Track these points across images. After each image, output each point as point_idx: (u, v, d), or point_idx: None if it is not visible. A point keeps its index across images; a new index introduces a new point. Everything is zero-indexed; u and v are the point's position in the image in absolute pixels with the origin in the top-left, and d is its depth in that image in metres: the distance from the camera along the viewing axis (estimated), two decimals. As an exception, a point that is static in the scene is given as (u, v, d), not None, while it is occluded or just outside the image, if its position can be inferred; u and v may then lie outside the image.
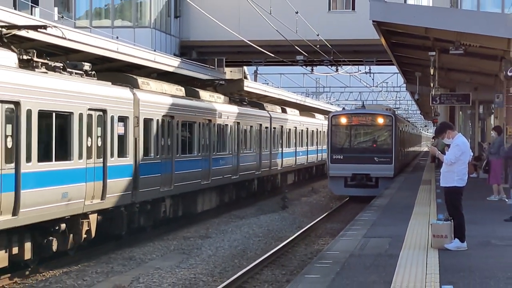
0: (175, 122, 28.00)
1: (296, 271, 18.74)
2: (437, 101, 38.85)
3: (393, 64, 43.08)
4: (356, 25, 41.85)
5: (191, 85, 33.78)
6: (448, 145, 15.56)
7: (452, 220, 15.26)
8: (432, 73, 35.36)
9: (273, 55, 41.15)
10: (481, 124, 45.34)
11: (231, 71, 50.69)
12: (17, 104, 17.77)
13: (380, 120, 40.17)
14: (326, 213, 33.22)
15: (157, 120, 26.32)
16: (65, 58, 24.25)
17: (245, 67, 56.12)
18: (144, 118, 25.11)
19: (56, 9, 46.48)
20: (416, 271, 12.90)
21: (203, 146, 31.27)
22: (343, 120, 40.12)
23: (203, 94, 33.51)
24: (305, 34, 38.81)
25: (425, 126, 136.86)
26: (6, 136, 17.41)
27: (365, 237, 17.54)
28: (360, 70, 59.55)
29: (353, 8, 44.81)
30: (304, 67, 51.96)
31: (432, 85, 38.17)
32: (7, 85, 17.45)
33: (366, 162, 38.74)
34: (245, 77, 55.40)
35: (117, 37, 34.06)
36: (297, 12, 37.48)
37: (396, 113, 47.62)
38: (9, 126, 17.51)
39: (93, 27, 40.51)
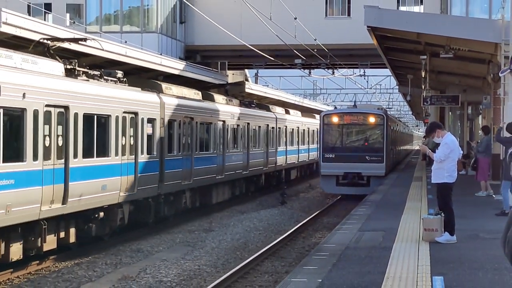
0: (194, 123, 29.45)
1: (295, 263, 18.74)
2: (428, 102, 38.82)
3: (386, 67, 43.08)
4: (351, 30, 41.81)
5: (195, 87, 33.80)
6: (438, 144, 15.57)
7: (442, 215, 15.30)
8: (423, 76, 35.38)
9: (273, 58, 41.15)
10: (470, 124, 45.39)
11: (233, 74, 50.72)
12: (66, 108, 19.36)
13: (372, 119, 38.44)
14: (323, 208, 33.22)
15: (179, 121, 27.86)
16: (77, 61, 24.25)
17: (246, 70, 56.20)
18: (168, 120, 26.62)
19: (68, 15, 46.51)
20: (409, 262, 12.90)
21: (218, 144, 32.86)
22: (335, 119, 38.49)
23: (217, 97, 34.88)
24: (303, 39, 38.82)
25: (417, 126, 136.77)
26: (58, 136, 19.04)
27: (360, 231, 17.54)
28: (355, 73, 59.49)
29: (349, 14, 44.79)
30: (302, 70, 51.97)
31: (423, 87, 38.18)
32: (58, 92, 19.05)
33: (357, 161, 37.13)
34: (247, 80, 55.46)
35: (126, 42, 34.09)
36: (295, 18, 37.48)
37: (387, 112, 45.29)
38: (59, 127, 19.17)
39: (103, 32, 40.49)
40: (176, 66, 34.65)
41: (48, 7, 46.12)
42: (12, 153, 17.26)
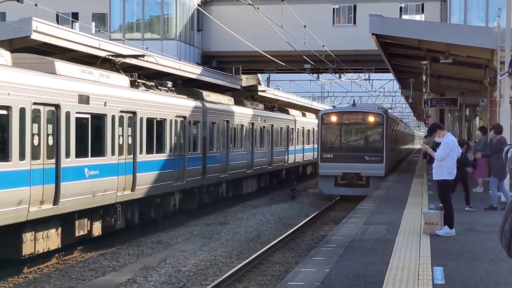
0: (230, 125, 32.35)
1: (304, 254, 18.72)
2: (429, 104, 38.70)
3: (389, 72, 43.04)
4: (357, 38, 41.75)
5: (212, 90, 33.92)
6: (438, 143, 15.54)
7: (442, 209, 15.27)
8: (424, 80, 35.31)
9: (283, 63, 41.14)
10: (468, 125, 45.21)
11: (246, 78, 50.79)
12: (134, 113, 22.10)
13: (371, 118, 35.44)
14: (330, 203, 33.18)
15: (218, 123, 30.64)
16: (101, 66, 24.37)
17: (259, 75, 56.21)
18: (209, 122, 29.39)
19: (93, 23, 46.64)
20: (411, 254, 12.87)
21: (248, 143, 35.76)
22: (334, 118, 35.53)
23: (246, 102, 37.92)
24: (312, 46, 38.78)
25: (418, 126, 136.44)
26: (128, 136, 21.81)
27: (365, 224, 17.51)
28: (360, 77, 59.49)
29: (355, 23, 44.71)
30: (311, 74, 51.95)
31: (424, 90, 38.10)
32: (128, 100, 21.80)
33: (356, 161, 34.07)
34: (259, 83, 55.50)
35: (147, 48, 34.13)
36: (305, 26, 37.46)
37: (387, 111, 41.87)
38: (129, 129, 21.93)
39: (126, 39, 40.57)
40: (193, 70, 34.72)
41: (75, 16, 46.27)
42: (98, 150, 19.93)
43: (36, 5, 27.85)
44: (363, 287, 10.19)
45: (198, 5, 44.77)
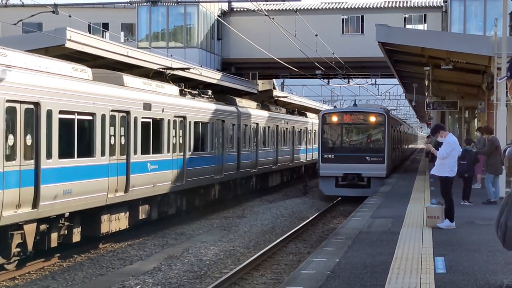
0: (259, 127, 34.41)
1: (316, 245, 18.71)
2: (431, 107, 38.59)
3: (394, 77, 42.89)
4: (364, 46, 41.66)
5: (230, 94, 34.06)
6: (441, 143, 15.49)
7: (443, 204, 15.23)
8: (426, 84, 35.19)
9: (296, 69, 41.10)
10: (467, 126, 45.00)
11: (262, 83, 50.77)
12: (184, 118, 24.24)
13: (372, 119, 32.73)
14: (340, 198, 33.10)
15: (249, 125, 32.65)
16: (129, 72, 24.48)
17: (274, 80, 56.16)
18: (242, 125, 31.53)
19: (122, 33, 46.77)
20: (414, 245, 12.85)
21: (273, 142, 37.38)
22: (335, 119, 32.90)
23: (271, 107, 39.96)
24: (323, 53, 38.73)
25: (420, 127, 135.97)
26: (179, 137, 23.74)
27: (372, 218, 17.49)
28: (367, 82, 59.23)
29: (362, 32, 44.63)
30: (322, 79, 51.86)
31: (426, 94, 38.01)
32: (179, 107, 23.91)
33: (357, 162, 31.56)
34: (274, 88, 55.50)
35: (171, 56, 34.19)
36: (316, 35, 37.39)
37: (389, 111, 38.62)
38: (181, 131, 23.91)
39: (152, 48, 40.67)
40: (214, 76, 34.78)
41: (105, 26, 46.43)
42: (157, 148, 21.98)
43: (70, 16, 27.95)
44: (370, 276, 10.18)
45: (218, 16, 44.86)
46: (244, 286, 14.42)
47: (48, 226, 16.08)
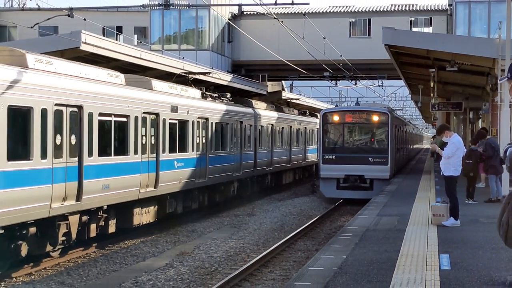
0: (274, 128, 35.32)
1: (323, 242, 18.69)
2: (436, 108, 38.44)
3: (400, 79, 42.76)
4: (371, 48, 41.59)
5: (239, 95, 34.14)
6: (446, 143, 15.44)
7: (448, 202, 15.19)
8: (432, 86, 35.10)
9: (305, 71, 41.04)
10: (471, 127, 44.85)
11: (272, 84, 50.75)
12: (207, 119, 25.31)
13: (375, 118, 30.75)
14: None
15: (264, 126, 33.61)
16: (143, 74, 24.54)
17: (283, 81, 56.14)
18: (259, 125, 32.57)
19: (135, 36, 46.87)
20: (419, 242, 12.82)
21: (287, 142, 38.33)
22: (336, 118, 30.97)
23: (285, 109, 40.95)
24: (331, 55, 38.67)
25: (426, 128, 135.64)
26: (202, 137, 24.91)
27: (378, 216, 17.47)
28: (374, 84, 59.22)
29: (369, 35, 44.55)
30: (330, 81, 51.81)
31: (432, 95, 37.86)
32: (202, 109, 25.05)
33: (360, 163, 29.71)
34: (283, 89, 55.46)
35: (183, 58, 34.23)
36: (324, 38, 37.35)
37: (393, 111, 36.53)
38: (203, 131, 25.00)
39: (164, 50, 40.72)
40: (225, 78, 34.76)
41: (119, 29, 46.53)
42: (182, 147, 23.11)
43: (84, 19, 28.04)
44: (376, 272, 10.16)
45: (228, 19, 44.87)
46: (253, 282, 14.42)
47: (88, 217, 17.19)
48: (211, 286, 13.59)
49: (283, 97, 47.49)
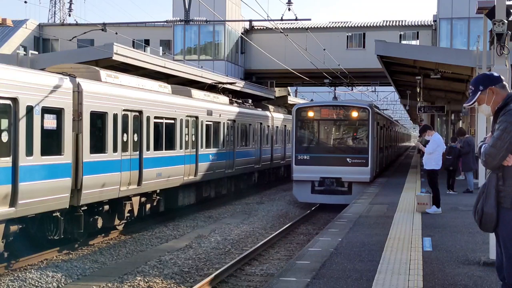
0: (286, 128, 36.03)
1: (322, 227, 18.68)
2: (422, 110, 38.32)
3: (391, 85, 42.65)
4: (365, 58, 41.53)
5: (252, 99, 34.18)
6: (428, 141, 15.42)
7: (431, 192, 15.15)
8: (418, 91, 35.00)
9: (307, 79, 41.04)
10: (453, 127, 44.70)
11: (279, 90, 50.76)
12: (234, 121, 26.76)
13: (354, 114, 24.38)
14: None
15: (279, 126, 34.70)
16: (166, 81, 24.57)
17: (288, 87, 56.10)
18: (275, 126, 33.77)
19: (161, 48, 46.95)
20: (405, 227, 12.79)
21: None
22: (311, 114, 24.69)
23: None
24: (330, 65, 38.62)
25: (414, 128, 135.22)
26: (230, 135, 26.24)
27: (370, 204, 17.43)
28: (368, 89, 59.04)
29: (364, 47, 44.47)
30: (329, 87, 51.76)
31: (418, 99, 37.75)
32: (231, 113, 26.47)
33: (337, 164, 23.66)
34: (289, 94, 55.41)
35: (202, 67, 34.25)
36: (324, 49, 37.30)
37: (374, 106, 28.01)
38: (232, 130, 26.50)
39: (185, 60, 40.75)
40: (238, 84, 34.77)
41: (147, 41, 46.61)
42: (216, 143, 24.50)
43: (116, 33, 28.11)
44: (367, 253, 10.15)
45: (241, 33, 44.89)
46: (261, 262, 14.43)
47: (146, 199, 18.74)
48: (225, 264, 13.61)
49: (289, 101, 47.34)
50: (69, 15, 28.43)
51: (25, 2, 29.37)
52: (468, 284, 7.91)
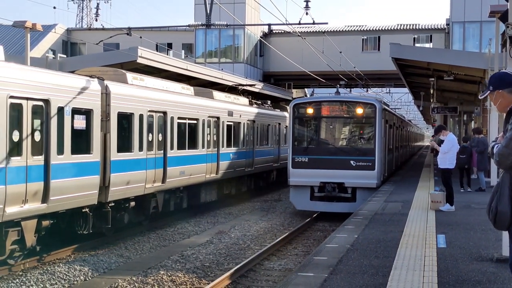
0: None
1: (339, 224, 18.58)
2: (435, 111, 38.05)
3: (405, 86, 42.41)
4: (380, 61, 41.31)
5: (271, 100, 34.20)
6: (443, 140, 15.29)
7: (444, 191, 15.02)
8: (431, 93, 34.75)
9: (324, 80, 40.92)
10: (465, 127, 44.33)
11: (296, 91, 50.66)
12: (253, 122, 26.92)
13: (359, 110, 20.50)
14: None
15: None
16: (188, 83, 24.63)
17: (305, 89, 55.99)
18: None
19: (183, 51, 47.08)
20: (420, 224, 12.68)
21: None
22: (310, 111, 20.84)
23: None
24: (346, 67, 38.48)
25: (427, 128, 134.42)
26: (249, 135, 26.32)
27: (385, 202, 17.31)
28: (382, 91, 58.75)
29: (379, 49, 44.24)
30: (345, 88, 51.60)
31: (431, 100, 37.50)
32: (251, 113, 26.62)
33: (339, 167, 20.01)
34: (305, 95, 55.29)
35: (222, 69, 34.27)
36: (340, 52, 37.16)
37: (382, 103, 24.07)
38: (251, 131, 26.59)
39: (206, 63, 40.82)
40: (257, 86, 34.78)
41: (169, 45, 46.74)
42: (236, 143, 24.72)
43: (141, 37, 28.23)
44: (383, 249, 10.07)
45: (260, 37, 44.85)
46: (280, 257, 14.40)
47: (170, 195, 18.97)
48: (245, 259, 13.60)
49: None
50: (96, 20, 28.70)
51: (54, 8, 29.66)
52: (482, 279, 7.82)
